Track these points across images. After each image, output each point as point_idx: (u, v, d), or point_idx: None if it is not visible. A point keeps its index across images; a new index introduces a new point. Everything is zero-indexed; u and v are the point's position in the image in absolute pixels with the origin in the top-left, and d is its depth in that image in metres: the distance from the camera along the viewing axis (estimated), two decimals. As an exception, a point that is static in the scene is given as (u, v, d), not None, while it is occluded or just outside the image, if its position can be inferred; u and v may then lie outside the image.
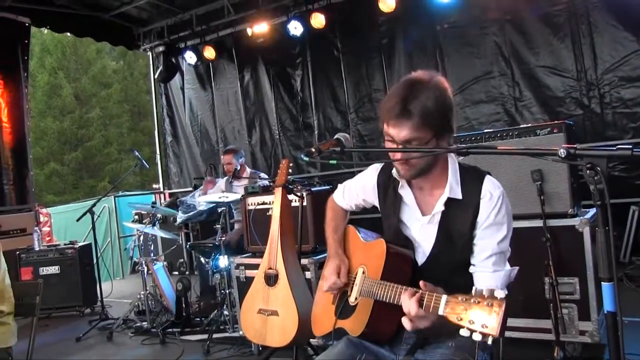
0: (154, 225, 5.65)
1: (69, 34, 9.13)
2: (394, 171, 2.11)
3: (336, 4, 7.33)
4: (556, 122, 3.65)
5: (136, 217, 8.43)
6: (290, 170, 3.68)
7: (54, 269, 6.47)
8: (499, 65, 6.32)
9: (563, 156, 1.45)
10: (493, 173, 2.08)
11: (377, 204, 2.31)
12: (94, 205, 6.06)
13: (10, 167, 7.71)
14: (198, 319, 5.42)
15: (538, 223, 3.48)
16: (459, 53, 6.65)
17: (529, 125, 3.81)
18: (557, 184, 3.52)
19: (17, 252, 6.39)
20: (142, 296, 5.59)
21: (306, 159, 1.96)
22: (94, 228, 6.18)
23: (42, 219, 8.01)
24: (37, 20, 8.16)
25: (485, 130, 3.99)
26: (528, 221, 3.55)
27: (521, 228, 3.53)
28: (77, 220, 6.10)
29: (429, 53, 6.90)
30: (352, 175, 6.98)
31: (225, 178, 6.07)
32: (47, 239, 8.10)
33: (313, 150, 1.98)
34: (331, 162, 1.98)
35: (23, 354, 2.89)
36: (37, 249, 6.59)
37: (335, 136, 2.09)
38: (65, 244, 6.76)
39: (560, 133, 3.50)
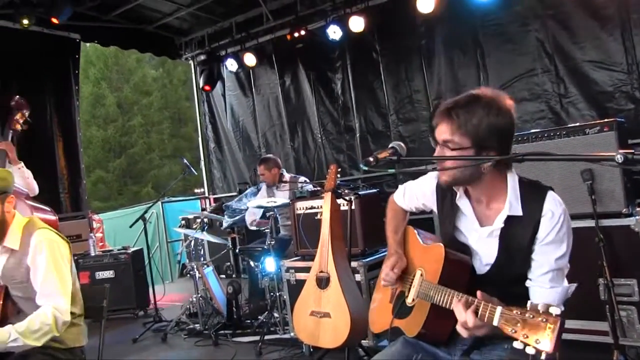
0: (203, 230, 5.79)
1: (115, 47, 9.43)
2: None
3: (374, 7, 7.35)
4: (607, 120, 3.59)
5: (183, 222, 8.63)
6: (339, 175, 3.72)
7: (108, 273, 6.70)
8: (542, 61, 6.22)
9: (620, 162, 1.44)
10: (540, 174, 2.10)
11: (435, 209, 2.36)
12: (145, 212, 6.25)
13: (65, 177, 8.00)
14: (248, 321, 5.52)
15: (590, 223, 3.42)
16: (500, 51, 6.57)
17: (578, 124, 3.77)
18: (609, 183, 3.46)
19: (75, 258, 6.62)
20: (194, 299, 5.75)
21: (365, 168, 2.02)
22: (146, 234, 6.38)
23: (95, 225, 8.26)
24: (86, 36, 8.47)
25: (532, 131, 3.97)
26: (579, 221, 3.48)
27: (572, 228, 3.51)
28: (130, 226, 6.30)
29: (469, 52, 6.84)
30: (394, 178, 7.00)
31: (265, 185, 6.19)
32: (100, 244, 8.34)
33: (371, 159, 2.03)
34: (390, 170, 2.05)
35: (90, 353, 3.03)
36: (92, 254, 6.82)
37: (391, 145, 2.14)
38: (118, 250, 7.00)
39: (611, 131, 3.44)
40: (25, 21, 6.89)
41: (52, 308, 2.66)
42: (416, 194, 2.49)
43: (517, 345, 1.55)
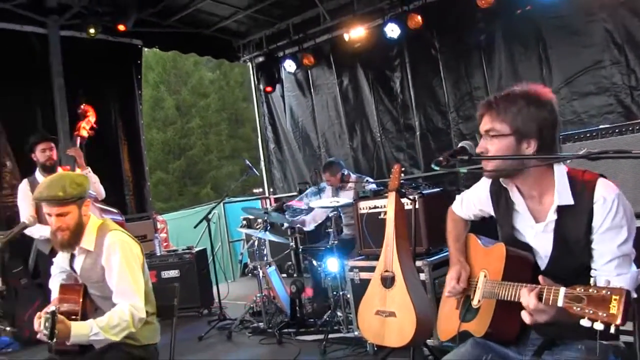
0: (266, 230, 5.87)
1: (175, 51, 9.70)
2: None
3: (432, 3, 7.28)
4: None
5: (244, 222, 8.77)
6: (403, 174, 3.71)
7: (174, 273, 6.84)
8: (610, 53, 5.98)
9: None
10: (609, 170, 2.05)
11: (492, 213, 2.37)
12: (209, 212, 6.38)
13: (130, 179, 8.27)
14: (312, 320, 5.55)
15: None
16: (564, 44, 6.37)
17: (651, 118, 3.64)
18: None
19: (142, 257, 6.82)
20: (257, 298, 5.84)
21: (436, 168, 2.03)
22: (210, 234, 6.51)
23: (159, 225, 8.49)
24: (148, 42, 8.73)
25: (602, 127, 3.85)
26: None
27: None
28: (195, 227, 6.46)
29: (531, 47, 6.68)
30: (455, 177, 6.89)
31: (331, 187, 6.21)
32: (164, 244, 8.57)
33: (441, 159, 2.05)
34: (461, 170, 2.05)
35: (161, 351, 3.12)
36: (158, 254, 7.01)
37: (460, 144, 2.15)
38: (183, 249, 7.14)
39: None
40: (92, 30, 7.18)
41: (128, 305, 2.77)
42: (472, 201, 2.51)
43: (584, 322, 1.55)
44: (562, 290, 1.66)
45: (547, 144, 1.99)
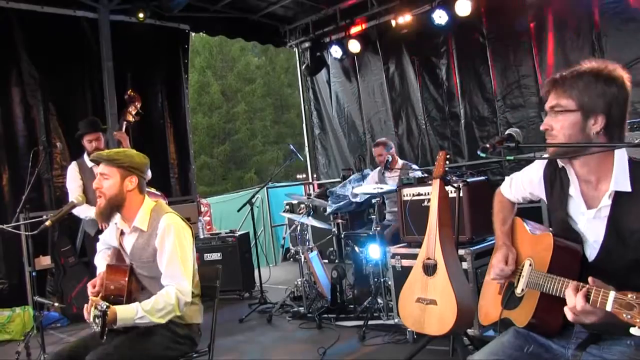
0: (309, 215, 5.89)
1: (221, 36, 9.78)
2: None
3: (481, -11, 7.16)
4: None
5: (287, 207, 8.83)
6: (448, 162, 3.67)
7: (216, 256, 6.95)
8: (669, 41, 5.79)
9: None
10: None
11: (543, 197, 2.29)
12: (252, 197, 6.45)
13: (175, 162, 8.39)
14: (352, 306, 5.57)
15: None
16: (620, 31, 6.15)
17: None
18: None
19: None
20: (298, 283, 5.89)
21: (483, 155, 2.00)
22: (253, 218, 6.58)
23: (203, 209, 8.63)
24: (195, 26, 8.83)
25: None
26: None
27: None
28: (238, 210, 6.55)
29: (584, 34, 6.47)
30: (500, 166, 6.75)
31: (377, 169, 6.20)
32: (208, 227, 8.70)
33: (488, 146, 2.02)
34: (508, 158, 2.02)
35: (204, 330, 3.18)
36: (201, 237, 7.13)
37: (507, 131, 2.13)
38: (226, 233, 7.23)
39: None
40: (141, 15, 7.30)
41: (175, 289, 2.80)
42: (523, 183, 2.43)
43: (634, 331, 1.50)
44: (612, 294, 1.59)
45: (615, 122, 1.91)
